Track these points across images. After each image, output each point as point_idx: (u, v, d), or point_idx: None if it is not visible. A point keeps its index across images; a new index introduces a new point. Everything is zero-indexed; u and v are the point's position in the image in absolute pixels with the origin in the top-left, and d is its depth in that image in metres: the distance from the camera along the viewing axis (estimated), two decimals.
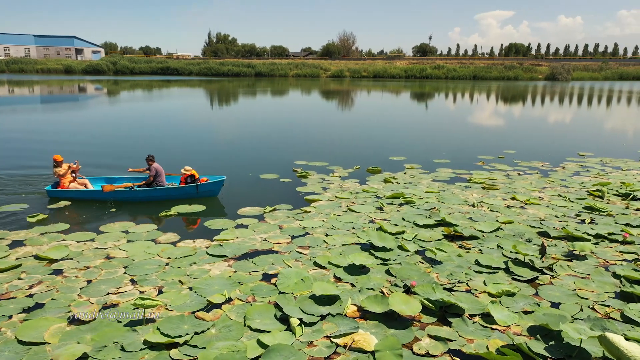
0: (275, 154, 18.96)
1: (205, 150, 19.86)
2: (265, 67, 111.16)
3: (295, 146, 20.66)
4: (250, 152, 19.31)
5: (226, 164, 17.01)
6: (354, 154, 18.90)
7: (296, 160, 17.25)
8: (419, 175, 15.31)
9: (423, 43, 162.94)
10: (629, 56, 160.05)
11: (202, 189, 12.31)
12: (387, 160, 17.66)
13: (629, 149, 21.12)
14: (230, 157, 18.25)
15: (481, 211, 11.52)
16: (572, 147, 21.04)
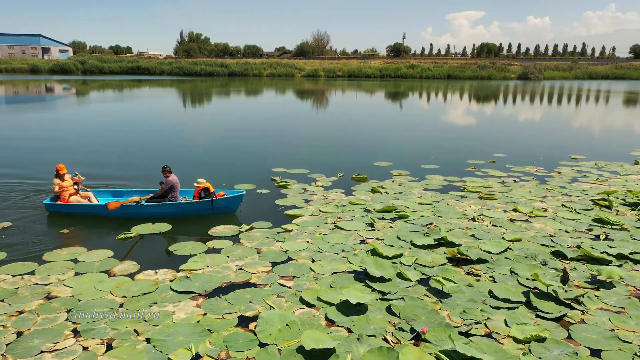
0: (251, 160, 17.49)
1: (173, 156, 18.25)
2: (238, 66, 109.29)
3: (273, 151, 19.22)
4: (223, 159, 17.79)
5: (196, 172, 15.43)
6: (336, 160, 17.57)
7: (274, 167, 15.82)
8: (408, 183, 14.05)
9: (397, 43, 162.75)
10: (596, 56, 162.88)
11: (218, 204, 10.80)
12: (372, 167, 16.38)
13: (620, 150, 20.31)
14: (200, 164, 16.71)
15: (483, 226, 10.31)
16: (562, 150, 20.13)
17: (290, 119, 31.52)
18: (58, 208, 10.86)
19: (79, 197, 11.18)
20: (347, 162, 17.06)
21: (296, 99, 50.80)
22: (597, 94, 63.32)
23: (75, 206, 10.84)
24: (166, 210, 10.76)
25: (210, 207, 10.76)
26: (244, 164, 16.81)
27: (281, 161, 16.78)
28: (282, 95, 55.73)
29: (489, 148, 20.29)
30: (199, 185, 10.97)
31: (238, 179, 14.21)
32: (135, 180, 13.79)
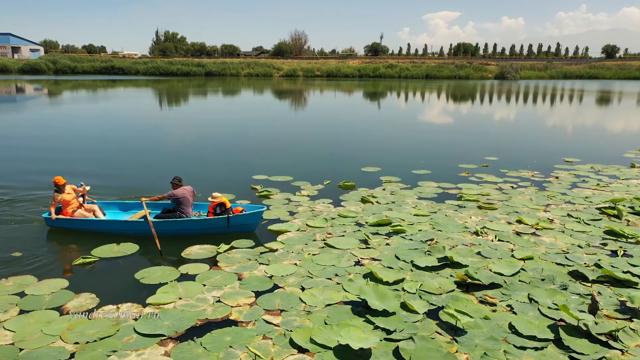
0: (230, 167, 16.27)
1: (144, 162, 16.94)
2: (216, 66, 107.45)
3: (253, 157, 18.02)
4: (199, 165, 16.53)
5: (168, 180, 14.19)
6: (321, 166, 16.48)
7: (254, 174, 14.64)
8: (400, 191, 13.02)
9: (375, 42, 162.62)
10: (570, 55, 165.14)
11: (235, 222, 9.59)
12: (360, 173, 15.32)
13: (612, 152, 19.67)
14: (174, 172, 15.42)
15: (488, 241, 9.33)
16: (555, 152, 19.38)
17: (270, 121, 30.31)
18: (59, 223, 9.74)
19: (84, 211, 10.02)
20: (333, 168, 15.98)
21: (275, 100, 49.57)
22: (575, 93, 63.48)
23: (79, 221, 9.71)
24: (176, 228, 9.60)
25: (227, 225, 9.56)
26: (221, 171, 15.59)
27: (262, 167, 15.61)
28: (260, 96, 54.41)
29: (480, 151, 19.43)
30: (214, 200, 9.77)
31: (214, 187, 12.95)
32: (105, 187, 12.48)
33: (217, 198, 9.83)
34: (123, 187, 13.05)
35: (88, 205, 10.27)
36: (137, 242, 9.13)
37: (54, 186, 9.82)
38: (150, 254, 8.68)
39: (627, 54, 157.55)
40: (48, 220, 9.77)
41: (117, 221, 9.68)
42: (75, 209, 9.98)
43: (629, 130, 28.12)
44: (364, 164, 16.28)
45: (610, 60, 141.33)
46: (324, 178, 14.23)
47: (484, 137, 23.81)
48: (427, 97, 55.02)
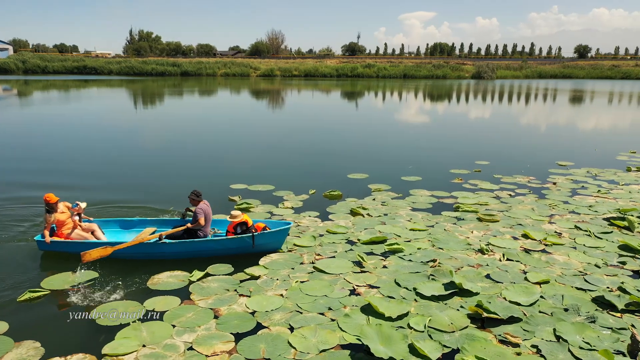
0: (205, 175, 15.03)
1: (109, 171, 15.58)
2: (192, 66, 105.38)
3: (230, 163, 16.80)
4: (170, 174, 15.25)
5: (137, 192, 12.92)
6: (304, 173, 15.38)
7: (232, 183, 13.46)
8: (391, 201, 12.00)
9: (352, 42, 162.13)
10: (544, 55, 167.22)
11: (261, 241, 8.53)
12: (346, 180, 14.27)
13: (604, 154, 18.99)
14: (143, 183, 14.16)
15: (496, 261, 8.35)
16: (546, 155, 18.61)
17: (248, 123, 29.02)
18: (54, 246, 8.44)
19: (81, 231, 8.79)
20: (317, 175, 14.90)
21: (253, 101, 48.23)
22: (554, 93, 63.59)
23: (77, 244, 8.41)
24: (194, 249, 8.44)
25: (251, 244, 8.47)
26: (195, 180, 14.33)
27: (241, 175, 14.44)
28: (238, 97, 53.00)
29: (469, 154, 18.54)
30: (234, 220, 8.65)
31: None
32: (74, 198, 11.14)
33: (237, 217, 8.66)
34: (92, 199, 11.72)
35: (85, 224, 9.01)
36: (99, 268, 7.89)
37: (45, 205, 8.50)
38: (112, 284, 7.45)
39: (598, 54, 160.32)
40: (41, 244, 8.45)
41: (125, 243, 8.34)
42: (71, 230, 8.71)
43: (615, 131, 27.69)
44: (350, 171, 15.22)
45: (583, 60, 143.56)
46: (308, 187, 13.13)
47: (473, 140, 22.98)
48: (409, 97, 54.34)
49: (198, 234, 8.72)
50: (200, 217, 8.59)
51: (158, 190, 12.98)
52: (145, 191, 12.87)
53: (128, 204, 11.67)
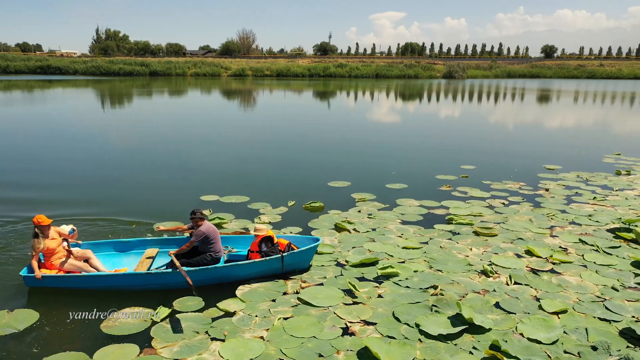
0: (172, 185, 13.76)
1: (68, 181, 14.19)
2: (161, 65, 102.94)
3: (201, 171, 15.53)
4: (134, 185, 13.92)
5: (98, 205, 11.58)
6: (281, 181, 14.26)
7: (203, 194, 12.25)
8: (378, 213, 10.99)
9: (323, 42, 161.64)
10: (512, 55, 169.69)
11: (290, 261, 7.59)
12: (327, 189, 13.22)
13: (590, 157, 18.44)
14: (103, 194, 12.81)
15: (503, 286, 7.42)
16: (532, 159, 17.94)
17: (220, 126, 27.70)
18: (45, 282, 7.04)
19: (75, 261, 7.43)
20: (296, 184, 13.81)
21: (225, 102, 46.78)
22: (527, 92, 63.86)
23: (71, 279, 7.12)
24: (221, 275, 7.37)
25: (280, 266, 7.54)
26: (162, 190, 13.07)
27: (212, 185, 13.25)
28: (208, 97, 51.42)
29: (453, 158, 17.73)
30: (259, 234, 7.73)
31: (154, 216, 10.56)
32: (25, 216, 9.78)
33: (261, 231, 7.74)
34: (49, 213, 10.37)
35: (76, 250, 7.65)
36: (39, 306, 6.64)
37: (34, 229, 7.14)
38: (56, 326, 6.21)
39: (564, 54, 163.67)
40: (29, 280, 7.07)
41: (135, 275, 7.11)
42: (63, 260, 7.40)
43: (595, 131, 27.36)
44: (331, 178, 14.18)
45: (550, 60, 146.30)
46: (286, 197, 12.03)
47: (455, 143, 22.18)
48: (384, 98, 53.66)
49: (207, 255, 7.65)
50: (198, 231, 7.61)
51: (120, 202, 11.67)
52: (106, 203, 11.54)
53: (87, 216, 10.43)
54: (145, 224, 10.05)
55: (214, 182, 13.67)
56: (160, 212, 10.89)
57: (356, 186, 13.39)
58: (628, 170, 15.86)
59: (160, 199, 12.09)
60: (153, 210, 11.05)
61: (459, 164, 16.52)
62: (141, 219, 10.40)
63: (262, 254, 7.64)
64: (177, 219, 10.26)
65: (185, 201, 11.75)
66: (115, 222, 10.16)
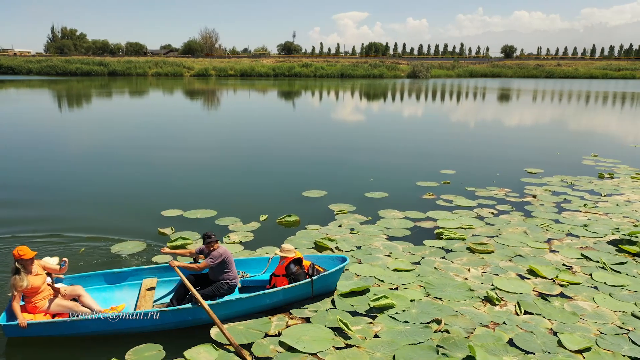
0: (130, 198, 12.39)
1: (8, 194, 12.65)
2: (120, 65, 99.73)
3: (161, 181, 14.17)
4: (87, 198, 12.48)
5: (44, 221, 10.17)
6: (251, 192, 13.07)
7: (164, 208, 10.98)
8: (362, 228, 9.99)
9: (288, 41, 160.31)
10: (473, 55, 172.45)
11: (320, 284, 6.75)
12: (302, 199, 12.15)
13: (569, 159, 17.94)
14: (51, 208, 11.36)
15: (513, 316, 6.52)
16: (512, 162, 17.32)
17: (182, 130, 26.16)
18: (30, 331, 5.65)
19: (64, 300, 6.03)
20: (267, 195, 12.66)
21: (188, 103, 45.04)
22: (492, 92, 64.30)
23: (61, 324, 5.75)
24: (240, 309, 6.30)
25: (310, 291, 6.70)
26: (119, 205, 11.70)
27: (174, 198, 11.97)
28: (171, 98, 49.54)
29: (431, 162, 16.94)
30: (287, 256, 6.86)
31: (108, 232, 9.29)
32: None
33: (289, 252, 6.88)
34: None
35: (63, 287, 6.26)
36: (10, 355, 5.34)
37: (15, 263, 5.78)
38: None
39: (522, 54, 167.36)
40: (10, 329, 5.68)
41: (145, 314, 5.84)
42: (50, 299, 6.03)
43: (568, 131, 27.14)
44: (305, 187, 13.10)
45: (509, 60, 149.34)
46: (257, 210, 10.89)
47: (431, 145, 21.44)
48: (352, 97, 52.92)
49: (223, 284, 6.61)
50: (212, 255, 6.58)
51: (68, 217, 10.27)
52: (53, 218, 10.13)
53: (29, 234, 9.10)
54: (97, 244, 8.75)
55: (176, 194, 12.39)
56: (115, 228, 9.64)
57: (333, 196, 12.36)
58: (611, 173, 15.38)
59: (116, 214, 10.75)
60: (107, 226, 9.76)
61: (438, 169, 15.71)
62: (95, 234, 9.15)
63: (290, 278, 6.65)
64: (136, 236, 9.06)
65: (144, 217, 10.49)
66: (66, 239, 8.88)
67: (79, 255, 8.39)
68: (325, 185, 13.27)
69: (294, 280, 6.65)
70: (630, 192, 13.11)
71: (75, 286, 6.37)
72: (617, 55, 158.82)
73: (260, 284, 7.14)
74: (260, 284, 7.14)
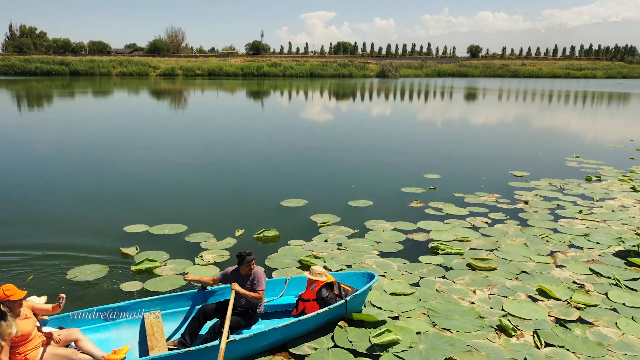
0: (89, 212, 11.13)
1: None
2: (82, 64, 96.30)
3: (125, 193, 12.90)
4: (40, 211, 11.17)
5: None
6: (225, 202, 11.98)
7: (127, 224, 9.82)
8: (350, 243, 9.07)
9: (256, 41, 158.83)
10: (440, 55, 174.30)
11: (352, 305, 6.18)
12: (281, 210, 11.15)
13: (552, 160, 17.46)
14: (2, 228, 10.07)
15: (533, 349, 5.71)
16: (495, 163, 16.74)
17: (148, 134, 24.76)
18: None
19: (58, 348, 4.88)
20: (242, 205, 11.62)
21: (154, 103, 43.32)
22: (462, 91, 64.48)
23: None
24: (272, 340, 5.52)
25: (344, 313, 6.10)
26: (75, 220, 10.46)
27: (138, 211, 10.82)
28: (136, 98, 47.68)
29: (414, 165, 16.20)
30: (318, 280, 6.16)
31: (65, 251, 8.13)
32: None
33: (321, 275, 6.20)
34: None
35: (57, 332, 5.07)
36: None
37: (0, 306, 4.58)
38: None
39: (488, 54, 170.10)
40: None
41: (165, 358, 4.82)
42: (42, 347, 4.85)
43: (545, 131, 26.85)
44: (283, 196, 12.09)
45: (475, 60, 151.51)
46: (232, 224, 9.86)
47: (410, 147, 20.69)
48: (323, 97, 52.05)
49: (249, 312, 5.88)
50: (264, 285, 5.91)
51: (13, 234, 9.02)
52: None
53: None
54: (49, 269, 7.59)
55: (141, 207, 11.22)
56: (70, 247, 8.55)
57: (314, 205, 11.41)
58: (598, 176, 14.91)
59: (71, 230, 9.54)
60: (61, 245, 8.62)
61: (421, 173, 14.95)
62: (46, 255, 7.99)
63: (321, 302, 5.96)
64: (96, 257, 7.94)
65: (105, 233, 9.33)
66: (10, 263, 7.68)
67: (27, 283, 7.21)
68: (305, 193, 12.30)
69: (325, 304, 5.93)
70: (622, 196, 12.60)
71: (70, 329, 5.18)
72: (577, 55, 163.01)
73: (279, 309, 6.39)
74: (280, 309, 6.39)
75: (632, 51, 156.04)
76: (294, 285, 6.71)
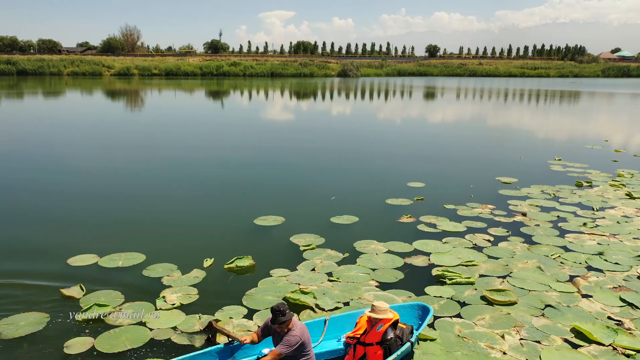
0: (25, 242, 9.38)
1: None
2: (31, 63, 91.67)
3: (70, 214, 11.10)
4: None
5: None
6: (190, 224, 10.33)
7: (71, 255, 8.16)
8: (340, 271, 7.74)
9: (214, 39, 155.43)
10: (399, 54, 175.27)
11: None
12: (254, 230, 9.72)
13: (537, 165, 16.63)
14: None
15: None
16: (481, 170, 15.77)
17: (98, 142, 22.66)
18: None
19: None
20: (211, 226, 10.12)
21: (108, 105, 40.82)
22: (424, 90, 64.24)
23: None
24: None
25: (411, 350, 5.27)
26: (8, 251, 8.73)
27: (86, 239, 9.13)
28: (89, 99, 44.93)
29: (395, 173, 15.04)
30: (384, 318, 5.05)
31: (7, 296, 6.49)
32: None
33: (386, 312, 5.11)
34: None
35: None
36: None
37: None
38: None
39: (445, 54, 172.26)
40: None
41: None
42: None
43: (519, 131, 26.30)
44: (255, 212, 10.62)
45: (434, 59, 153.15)
46: (200, 252, 8.37)
47: (387, 149, 19.44)
48: (285, 97, 50.57)
49: None
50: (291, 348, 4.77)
51: None
52: None
53: None
54: None
55: (89, 232, 9.53)
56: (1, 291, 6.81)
57: (293, 223, 10.03)
58: (588, 181, 14.10)
59: (2, 266, 7.83)
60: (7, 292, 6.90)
61: (404, 181, 13.79)
62: None
63: (386, 346, 4.97)
64: (31, 303, 6.29)
65: (44, 269, 7.66)
66: None
67: None
68: (280, 208, 10.89)
69: (387, 347, 4.99)
70: (621, 205, 11.76)
71: None
72: (531, 55, 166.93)
73: (322, 358, 5.33)
74: (323, 358, 5.34)
75: (581, 51, 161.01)
76: (335, 326, 5.64)
